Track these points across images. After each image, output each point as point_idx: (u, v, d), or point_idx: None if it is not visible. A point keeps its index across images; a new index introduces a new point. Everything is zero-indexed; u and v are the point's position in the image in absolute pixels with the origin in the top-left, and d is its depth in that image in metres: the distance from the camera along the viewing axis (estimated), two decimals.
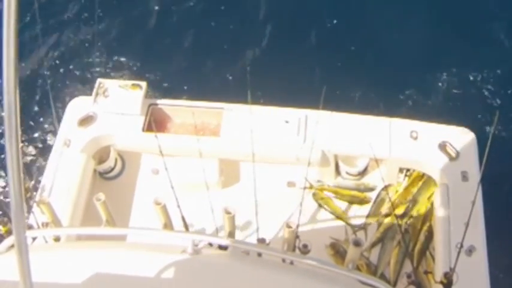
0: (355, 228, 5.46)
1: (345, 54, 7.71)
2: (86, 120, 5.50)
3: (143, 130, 5.46)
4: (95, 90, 5.57)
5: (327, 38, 7.86)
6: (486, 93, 7.36)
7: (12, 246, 3.08)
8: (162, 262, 3.31)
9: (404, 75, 7.46)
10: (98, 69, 7.82)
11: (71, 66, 7.90)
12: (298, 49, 7.77)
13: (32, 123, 7.37)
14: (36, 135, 7.28)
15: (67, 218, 4.92)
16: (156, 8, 8.36)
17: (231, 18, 8.14)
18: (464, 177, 5.05)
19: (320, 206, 5.58)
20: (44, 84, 7.55)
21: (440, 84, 7.39)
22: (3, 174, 6.95)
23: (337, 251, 5.26)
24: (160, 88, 7.58)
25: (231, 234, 3.79)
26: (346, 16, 8.05)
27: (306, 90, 7.34)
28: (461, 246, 3.93)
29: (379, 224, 5.43)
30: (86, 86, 7.52)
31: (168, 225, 4.08)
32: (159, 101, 5.74)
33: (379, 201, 5.53)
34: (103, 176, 5.73)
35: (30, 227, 3.94)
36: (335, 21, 8.00)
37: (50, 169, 5.27)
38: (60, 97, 7.37)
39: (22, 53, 7.76)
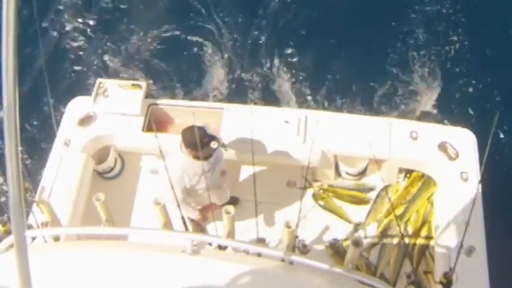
0: (355, 228, 5.47)
1: (344, 54, 7.71)
2: (86, 120, 5.50)
3: (143, 130, 5.46)
4: (94, 90, 5.58)
5: (326, 38, 7.86)
6: (486, 93, 7.35)
7: (12, 245, 3.08)
8: (161, 262, 3.32)
9: (404, 75, 7.46)
10: (98, 69, 7.82)
11: (70, 66, 7.90)
12: (299, 49, 7.78)
13: (31, 123, 7.36)
14: (36, 135, 7.27)
15: (67, 217, 4.93)
16: (156, 7, 8.36)
17: (232, 18, 8.15)
18: (464, 177, 5.05)
19: (320, 206, 5.58)
20: (44, 84, 7.50)
21: (440, 84, 7.39)
22: (2, 173, 6.94)
23: (337, 251, 5.26)
24: (160, 88, 7.58)
25: (231, 234, 3.78)
26: (346, 15, 8.05)
27: (306, 90, 7.38)
28: (461, 246, 3.93)
29: (379, 224, 5.44)
30: (86, 86, 7.51)
31: (167, 225, 4.08)
32: (159, 101, 5.74)
33: (378, 202, 5.53)
34: (103, 176, 5.73)
35: (29, 227, 3.93)
36: (335, 21, 8.01)
37: (49, 169, 5.27)
38: (60, 97, 7.36)
39: (21, 52, 7.75)
